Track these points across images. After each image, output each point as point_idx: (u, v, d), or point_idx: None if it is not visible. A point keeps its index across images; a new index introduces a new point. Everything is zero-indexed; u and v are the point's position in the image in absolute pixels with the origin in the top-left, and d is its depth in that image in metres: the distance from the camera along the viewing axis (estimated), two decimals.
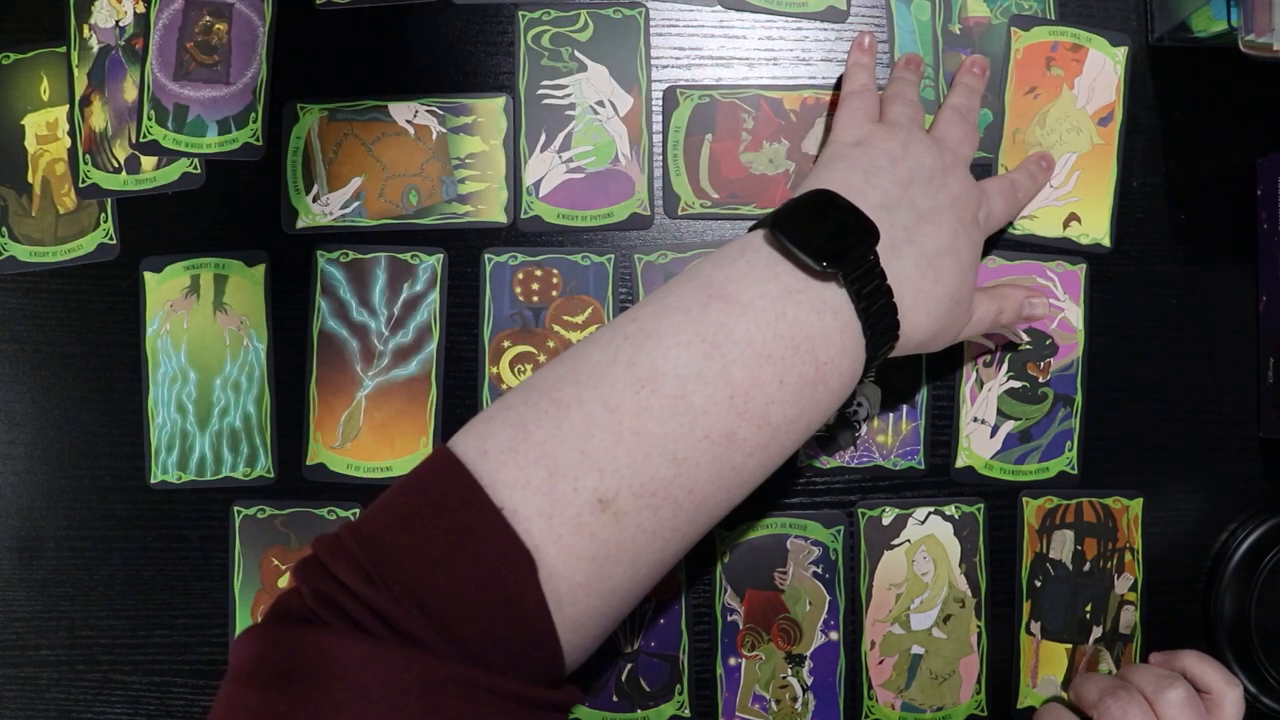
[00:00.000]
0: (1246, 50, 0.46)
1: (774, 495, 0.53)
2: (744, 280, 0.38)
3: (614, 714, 0.52)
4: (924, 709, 0.53)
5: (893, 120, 0.47)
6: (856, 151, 0.44)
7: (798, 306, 0.37)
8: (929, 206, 0.42)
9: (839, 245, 0.38)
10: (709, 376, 0.35)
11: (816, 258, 0.37)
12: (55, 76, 0.54)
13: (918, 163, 0.44)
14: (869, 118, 0.47)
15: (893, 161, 0.43)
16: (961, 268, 0.43)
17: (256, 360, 0.53)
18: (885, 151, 0.44)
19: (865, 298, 0.38)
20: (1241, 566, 0.53)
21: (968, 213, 0.44)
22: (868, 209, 0.40)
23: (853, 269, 0.38)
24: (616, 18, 0.53)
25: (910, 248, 0.41)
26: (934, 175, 0.44)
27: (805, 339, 0.37)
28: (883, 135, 0.45)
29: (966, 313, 0.45)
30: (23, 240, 0.54)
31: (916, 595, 0.53)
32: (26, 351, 0.54)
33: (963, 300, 0.43)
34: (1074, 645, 0.54)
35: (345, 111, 0.53)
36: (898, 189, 0.42)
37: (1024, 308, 0.49)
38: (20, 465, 0.53)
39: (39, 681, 0.53)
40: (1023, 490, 0.53)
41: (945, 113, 0.49)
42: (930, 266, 0.41)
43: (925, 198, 0.43)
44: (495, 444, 0.35)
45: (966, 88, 0.51)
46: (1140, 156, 0.54)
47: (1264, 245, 0.54)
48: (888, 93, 0.49)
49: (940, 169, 0.44)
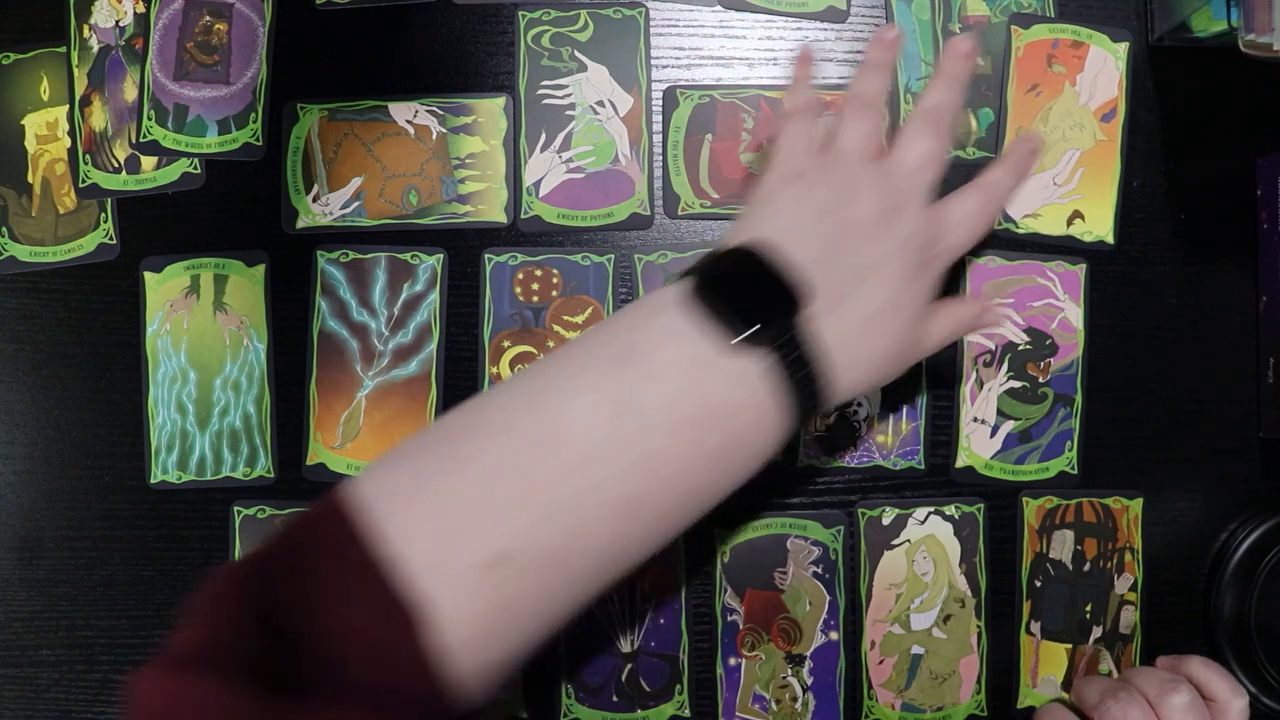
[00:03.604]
0: (1246, 50, 0.45)
1: (774, 495, 0.53)
2: (658, 343, 0.36)
3: (614, 714, 0.52)
4: (924, 709, 0.53)
5: (838, 150, 0.42)
6: (794, 192, 0.40)
7: (714, 377, 0.35)
8: (870, 259, 0.39)
9: (763, 314, 0.36)
10: (615, 441, 0.34)
11: (734, 326, 0.35)
12: (55, 76, 0.54)
13: (859, 210, 0.39)
14: (810, 147, 0.42)
15: (829, 208, 0.39)
16: (906, 318, 0.40)
17: (256, 360, 0.53)
18: (821, 195, 0.40)
19: (788, 366, 0.36)
20: (1241, 566, 0.53)
21: (918, 254, 0.40)
22: (802, 264, 0.37)
23: (777, 340, 0.36)
24: (616, 18, 0.53)
25: (846, 309, 0.38)
26: (879, 220, 0.39)
27: (721, 408, 0.35)
28: (825, 173, 0.40)
29: (914, 350, 0.42)
30: (23, 240, 0.54)
31: (916, 595, 0.53)
32: (26, 351, 0.54)
33: (907, 352, 0.41)
34: (1074, 645, 0.54)
35: (345, 111, 0.53)
36: (832, 241, 0.38)
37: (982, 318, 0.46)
38: (20, 465, 0.53)
39: (39, 681, 0.53)
40: (1023, 490, 0.53)
41: (911, 123, 0.43)
42: (868, 325, 0.38)
43: (868, 248, 0.39)
44: (393, 491, 0.34)
45: (948, 78, 0.44)
46: (1140, 156, 0.54)
47: (1264, 245, 0.54)
48: (843, 109, 0.43)
49: (889, 210, 0.40)
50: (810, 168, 0.41)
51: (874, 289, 0.39)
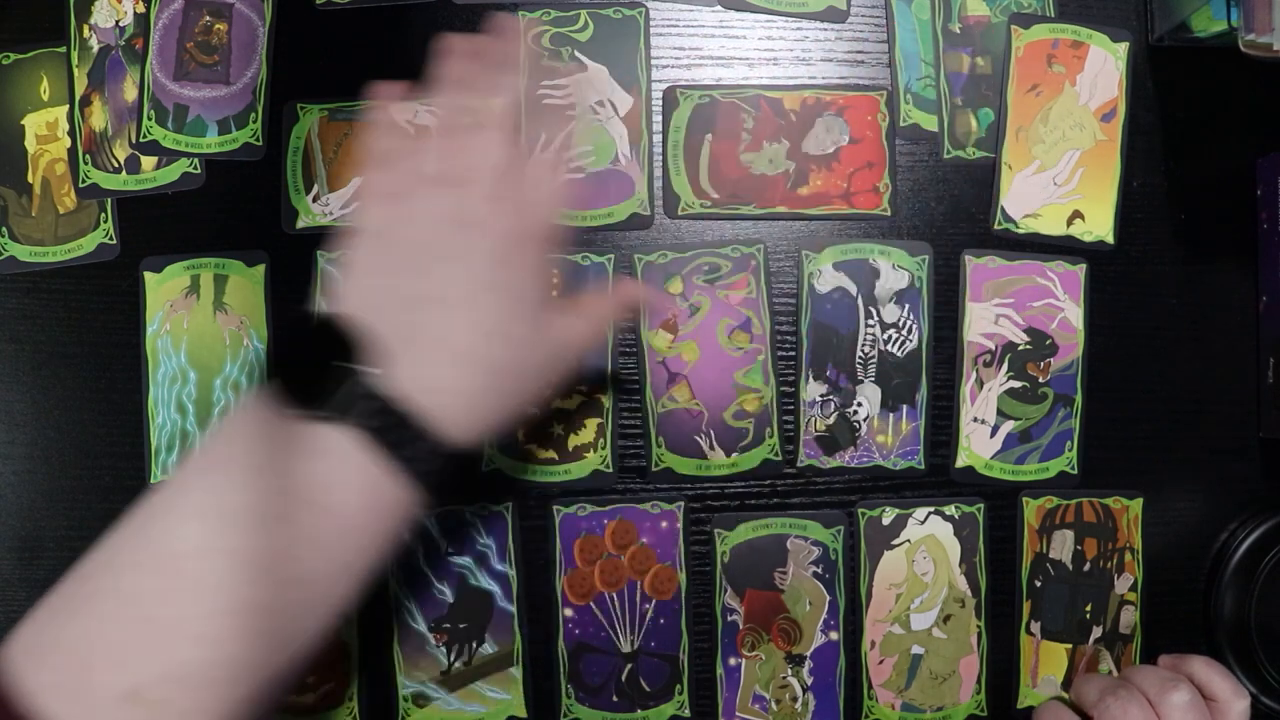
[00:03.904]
0: (1246, 50, 0.45)
1: (774, 495, 0.53)
2: (239, 441, 0.36)
3: (614, 714, 0.52)
4: (924, 709, 0.53)
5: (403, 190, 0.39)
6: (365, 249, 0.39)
7: (294, 458, 0.35)
8: (440, 289, 0.37)
9: (324, 384, 0.35)
10: (216, 549, 0.34)
11: (299, 405, 0.35)
12: (55, 76, 0.54)
13: (426, 239, 0.38)
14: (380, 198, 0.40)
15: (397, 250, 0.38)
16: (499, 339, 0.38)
17: (256, 360, 0.53)
18: (392, 242, 0.38)
19: (368, 427, 0.35)
20: (1241, 566, 0.53)
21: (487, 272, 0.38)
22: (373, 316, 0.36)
23: (341, 404, 0.35)
24: (616, 18, 0.53)
25: (425, 348, 0.36)
26: (441, 251, 0.37)
27: (308, 489, 0.35)
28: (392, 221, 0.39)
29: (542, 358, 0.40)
30: (23, 240, 0.54)
31: (916, 595, 0.53)
32: (26, 351, 0.54)
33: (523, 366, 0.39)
34: (1074, 645, 0.54)
35: (345, 112, 0.53)
36: (403, 283, 0.37)
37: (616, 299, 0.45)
38: (20, 465, 0.53)
39: None
40: (1023, 490, 0.53)
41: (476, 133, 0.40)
42: (455, 357, 0.37)
43: (435, 281, 0.37)
44: (33, 646, 0.34)
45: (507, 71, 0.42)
46: (1140, 156, 0.54)
47: (1264, 245, 0.54)
48: None
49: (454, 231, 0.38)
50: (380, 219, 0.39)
51: (453, 318, 0.37)
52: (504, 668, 0.52)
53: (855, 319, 0.53)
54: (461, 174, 0.39)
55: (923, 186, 0.54)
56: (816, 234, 0.53)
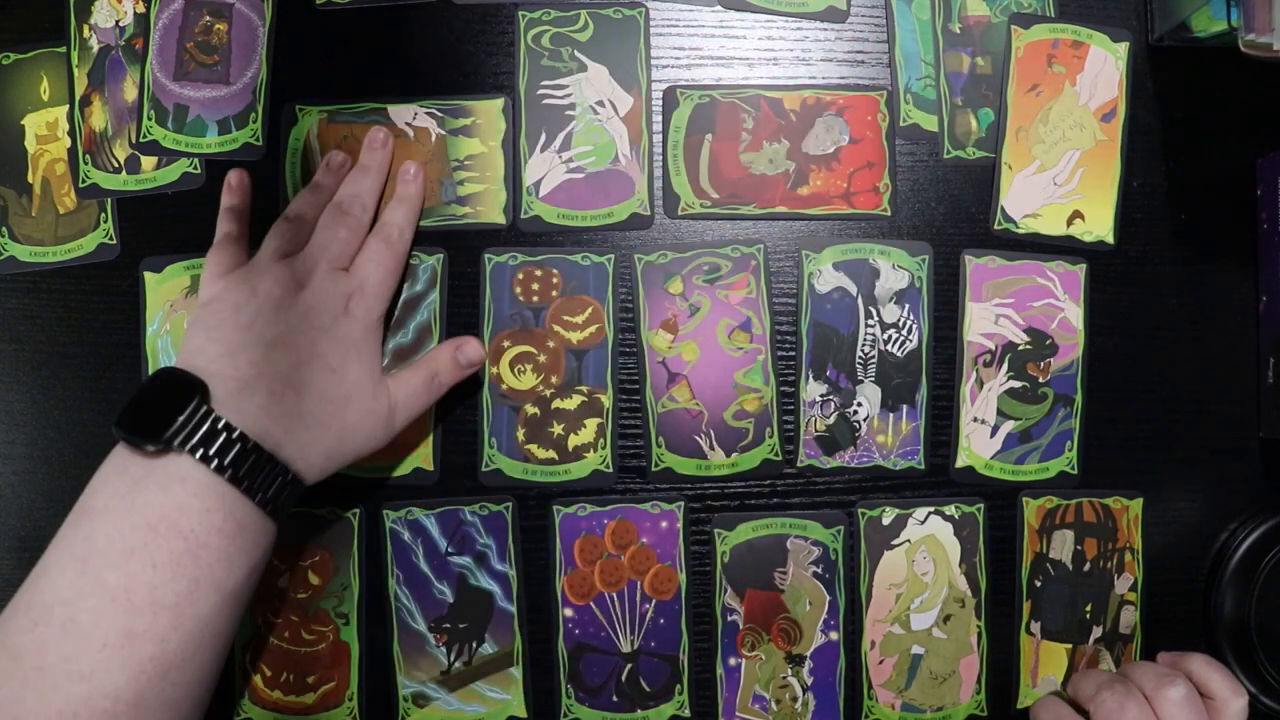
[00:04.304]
0: (1246, 50, 0.46)
1: (774, 495, 0.53)
2: (98, 488, 0.40)
3: (614, 714, 0.52)
4: (924, 709, 0.53)
5: (250, 264, 0.47)
6: (205, 313, 0.45)
7: (145, 491, 0.39)
8: (277, 332, 0.44)
9: (166, 418, 0.39)
10: (86, 590, 0.38)
11: (142, 439, 0.39)
12: (55, 76, 0.54)
13: (263, 298, 0.44)
14: (224, 271, 0.47)
15: (237, 309, 0.44)
16: (331, 369, 0.45)
17: None
18: (231, 302, 0.44)
19: (213, 455, 0.39)
20: (1241, 566, 0.53)
21: (325, 315, 0.46)
22: (206, 362, 0.42)
23: (182, 433, 0.39)
24: (616, 18, 0.53)
25: (262, 380, 0.42)
26: (281, 301, 0.45)
27: (160, 518, 0.39)
28: (233, 286, 0.45)
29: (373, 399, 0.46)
30: (23, 240, 0.54)
31: (916, 595, 0.53)
32: (26, 351, 0.54)
33: (351, 396, 0.45)
34: (1074, 645, 0.54)
35: (345, 114, 0.53)
36: (240, 332, 0.43)
37: (458, 358, 0.50)
38: (20, 465, 0.53)
39: None
40: (1023, 490, 0.53)
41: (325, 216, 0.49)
42: (288, 387, 0.43)
43: (272, 326, 0.44)
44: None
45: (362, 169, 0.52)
46: (1140, 156, 0.54)
47: (1264, 245, 0.54)
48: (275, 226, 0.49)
49: (290, 291, 0.45)
50: (221, 291, 0.46)
51: (285, 355, 0.43)
52: (504, 668, 0.52)
53: (855, 319, 0.53)
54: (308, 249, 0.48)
55: (923, 186, 0.54)
56: (816, 234, 0.53)
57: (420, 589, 0.52)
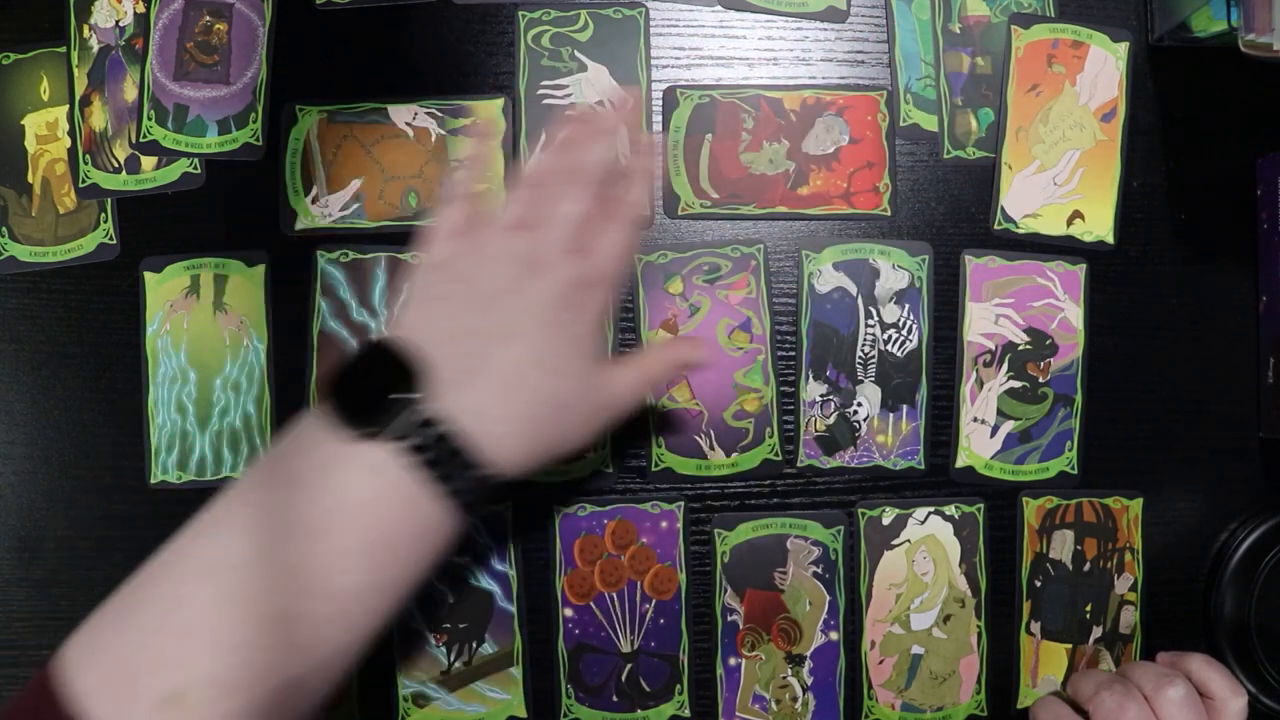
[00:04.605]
0: (1246, 50, 0.46)
1: (774, 495, 0.53)
2: (291, 457, 0.38)
3: (614, 714, 0.52)
4: (924, 709, 0.53)
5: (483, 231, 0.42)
6: (431, 278, 0.42)
7: (343, 474, 0.37)
8: (505, 321, 0.40)
9: (381, 404, 0.37)
10: (260, 560, 0.36)
11: (354, 423, 0.37)
12: (55, 76, 0.54)
13: (495, 277, 0.41)
14: (454, 232, 0.43)
15: (467, 284, 0.41)
16: (556, 372, 0.40)
17: (256, 360, 0.53)
18: (460, 274, 0.41)
19: (419, 449, 0.37)
20: (1241, 566, 0.53)
21: (556, 309, 0.40)
22: (428, 345, 0.38)
23: (395, 425, 0.37)
24: (616, 18, 0.53)
25: (482, 376, 0.39)
26: (512, 284, 0.40)
27: (355, 505, 0.37)
28: (465, 253, 0.42)
29: (592, 403, 0.42)
30: (23, 240, 0.54)
31: (916, 595, 0.53)
32: (26, 351, 0.54)
33: (571, 402, 0.41)
34: (1074, 645, 0.54)
35: (345, 114, 0.53)
36: (467, 314, 0.40)
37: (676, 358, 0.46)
38: (20, 465, 0.53)
39: None
40: (1023, 490, 0.53)
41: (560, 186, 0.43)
42: (509, 388, 0.39)
43: (500, 313, 0.40)
44: (82, 651, 0.36)
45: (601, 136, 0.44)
46: (1140, 156, 0.54)
47: (1264, 245, 0.54)
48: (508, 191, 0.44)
49: (522, 273, 0.41)
50: (454, 251, 0.42)
51: (510, 351, 0.39)
52: (504, 668, 0.52)
53: (855, 319, 0.53)
54: (537, 220, 0.42)
55: (923, 186, 0.54)
56: (816, 234, 0.53)
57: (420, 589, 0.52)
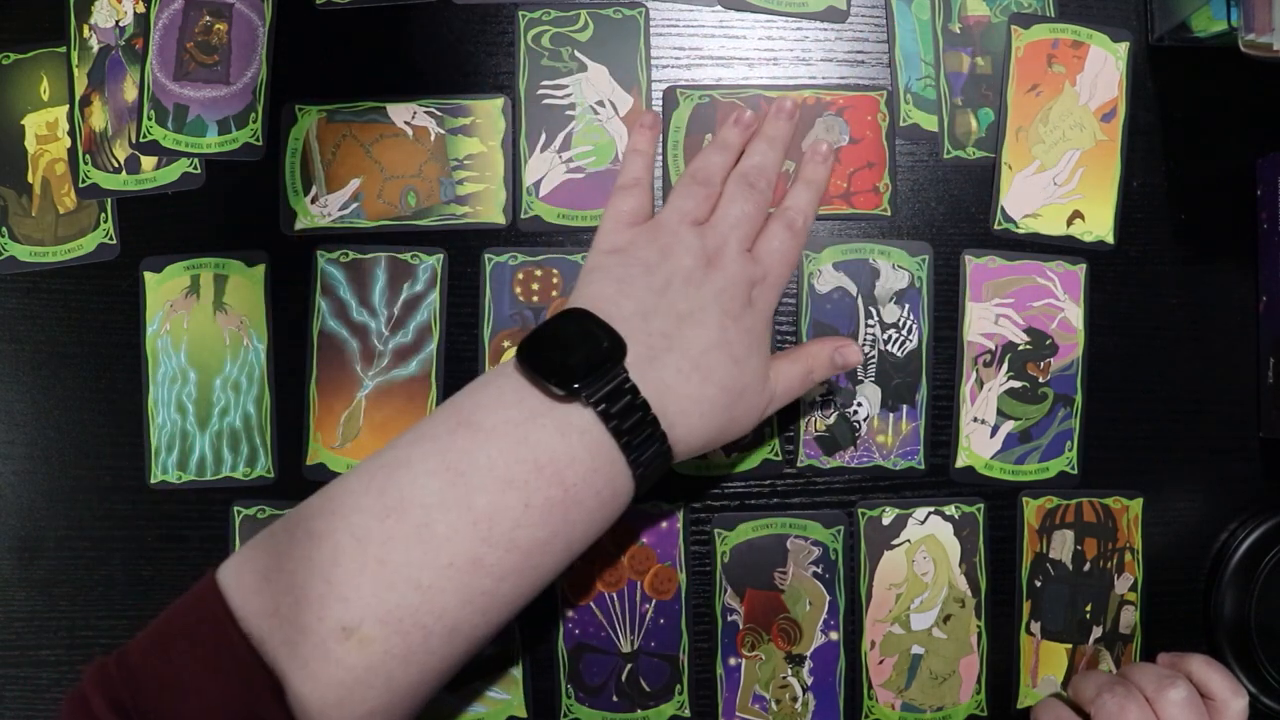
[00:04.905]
0: (1246, 50, 0.46)
1: (774, 495, 0.53)
2: (489, 407, 0.39)
3: (614, 714, 0.52)
4: (924, 709, 0.53)
5: (660, 219, 0.45)
6: (612, 260, 0.44)
7: (541, 429, 0.38)
8: (689, 307, 0.42)
9: (582, 367, 0.38)
10: (452, 503, 0.37)
11: (557, 382, 0.38)
12: (55, 76, 0.54)
13: (676, 265, 0.43)
14: (631, 220, 0.46)
15: (649, 269, 0.43)
16: (735, 359, 0.42)
17: (256, 360, 0.53)
18: (641, 260, 0.43)
19: (616, 416, 0.38)
20: (1241, 566, 0.53)
21: (734, 302, 0.43)
22: (621, 320, 0.40)
23: (597, 389, 0.38)
24: (616, 18, 0.53)
25: (670, 355, 0.41)
26: (693, 274, 0.43)
27: (549, 462, 0.38)
28: (642, 242, 0.44)
29: (761, 393, 0.44)
30: (23, 240, 0.54)
31: (916, 595, 0.53)
32: (26, 351, 0.54)
33: (746, 390, 0.43)
34: (1074, 645, 0.54)
35: (344, 113, 0.53)
36: (653, 296, 0.42)
37: (835, 359, 0.47)
38: (20, 465, 0.53)
39: (39, 681, 0.53)
40: (1023, 490, 0.53)
41: (730, 184, 0.47)
42: (695, 369, 0.41)
43: (684, 299, 0.42)
44: (252, 573, 0.37)
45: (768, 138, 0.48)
46: (1140, 156, 0.54)
47: (1264, 245, 0.54)
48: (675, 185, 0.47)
49: (702, 265, 0.43)
50: (629, 242, 0.44)
51: (696, 334, 0.41)
52: (504, 668, 0.52)
53: (855, 319, 0.53)
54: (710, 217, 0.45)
55: (923, 186, 0.54)
56: (816, 234, 0.53)
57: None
